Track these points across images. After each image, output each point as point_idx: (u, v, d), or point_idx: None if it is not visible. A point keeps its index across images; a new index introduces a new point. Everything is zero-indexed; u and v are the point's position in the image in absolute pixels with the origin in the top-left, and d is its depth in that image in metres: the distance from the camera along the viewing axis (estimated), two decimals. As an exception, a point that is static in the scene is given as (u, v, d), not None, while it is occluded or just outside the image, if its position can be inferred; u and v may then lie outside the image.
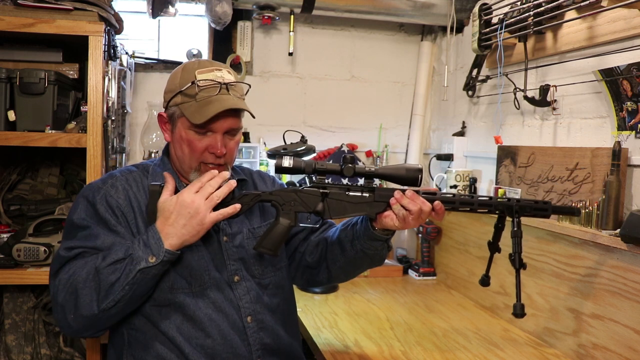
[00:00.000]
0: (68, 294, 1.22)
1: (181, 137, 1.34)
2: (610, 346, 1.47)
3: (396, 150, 2.81)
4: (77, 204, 1.33)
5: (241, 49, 2.61)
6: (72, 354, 1.98)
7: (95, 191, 1.33)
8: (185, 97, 1.33)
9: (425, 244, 2.48)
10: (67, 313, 1.23)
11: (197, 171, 1.36)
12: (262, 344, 1.35)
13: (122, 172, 1.40)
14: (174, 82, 1.37)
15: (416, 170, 1.28)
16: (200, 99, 1.31)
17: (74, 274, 1.23)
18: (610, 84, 1.52)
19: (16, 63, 1.92)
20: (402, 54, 2.80)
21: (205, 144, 1.33)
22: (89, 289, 1.21)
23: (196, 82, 1.32)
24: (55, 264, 1.28)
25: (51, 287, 1.28)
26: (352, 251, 1.38)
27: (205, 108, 1.30)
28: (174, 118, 1.36)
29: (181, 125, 1.34)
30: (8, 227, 1.97)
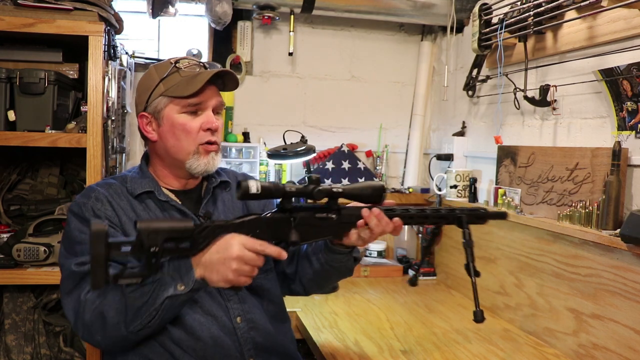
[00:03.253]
0: (94, 316, 1.20)
1: (172, 124, 1.36)
2: (610, 346, 1.47)
3: (396, 150, 2.81)
4: (69, 222, 1.34)
5: (241, 49, 2.61)
6: (72, 354, 1.98)
7: (82, 206, 1.33)
8: (168, 82, 1.35)
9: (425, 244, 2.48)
10: (94, 333, 1.22)
11: (196, 154, 1.37)
12: (254, 343, 1.35)
13: (101, 185, 1.40)
14: (150, 79, 1.39)
15: (380, 189, 1.27)
16: (186, 75, 1.35)
17: (101, 295, 1.21)
18: (610, 84, 1.52)
19: (16, 63, 1.92)
20: (402, 54, 2.80)
21: (199, 122, 1.36)
22: (116, 312, 1.18)
23: (177, 65, 1.36)
24: (69, 281, 1.26)
25: (69, 304, 1.25)
26: (317, 264, 1.40)
27: (194, 79, 1.33)
28: (159, 110, 1.37)
29: (169, 112, 1.36)
30: (8, 227, 1.97)
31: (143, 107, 1.40)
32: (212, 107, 1.38)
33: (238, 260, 1.13)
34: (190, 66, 1.37)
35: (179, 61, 1.38)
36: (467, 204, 2.20)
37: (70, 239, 1.31)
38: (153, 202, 1.40)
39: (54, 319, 2.00)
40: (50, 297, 1.99)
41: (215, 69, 1.37)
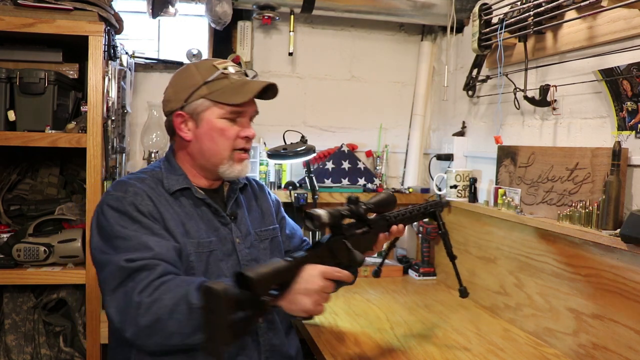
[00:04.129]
0: (153, 321, 1.16)
1: (211, 128, 1.37)
2: (610, 346, 1.47)
3: (396, 150, 2.81)
4: (106, 216, 1.29)
5: (241, 49, 2.61)
6: (72, 354, 1.98)
7: (121, 200, 1.30)
8: (213, 86, 1.36)
9: (425, 244, 2.48)
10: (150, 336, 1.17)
11: (230, 160, 1.39)
12: (271, 345, 1.38)
13: (135, 179, 1.38)
14: (191, 79, 1.38)
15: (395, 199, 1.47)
16: (234, 82, 1.36)
17: (159, 299, 1.17)
18: (610, 84, 1.52)
19: (16, 63, 1.92)
20: (402, 54, 2.80)
21: (237, 129, 1.39)
22: (176, 322, 1.16)
23: (224, 70, 1.37)
24: (115, 277, 1.22)
25: (114, 302, 1.21)
26: None
27: (243, 88, 1.35)
28: (199, 111, 1.37)
29: (210, 116, 1.36)
30: (8, 227, 1.97)
31: (180, 106, 1.39)
32: (249, 115, 1.42)
33: (320, 291, 1.19)
34: (236, 73, 1.40)
35: (227, 67, 1.39)
36: (467, 204, 2.20)
37: (110, 234, 1.27)
38: (186, 199, 1.40)
39: (54, 319, 2.00)
40: (50, 297, 1.99)
41: (265, 81, 1.40)
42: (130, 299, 1.18)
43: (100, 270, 1.27)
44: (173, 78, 1.45)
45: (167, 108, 1.43)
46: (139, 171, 1.45)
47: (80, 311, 2.00)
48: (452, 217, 2.36)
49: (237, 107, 1.37)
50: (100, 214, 1.31)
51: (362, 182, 2.64)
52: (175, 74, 1.45)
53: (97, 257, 1.28)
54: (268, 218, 1.59)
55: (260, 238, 1.49)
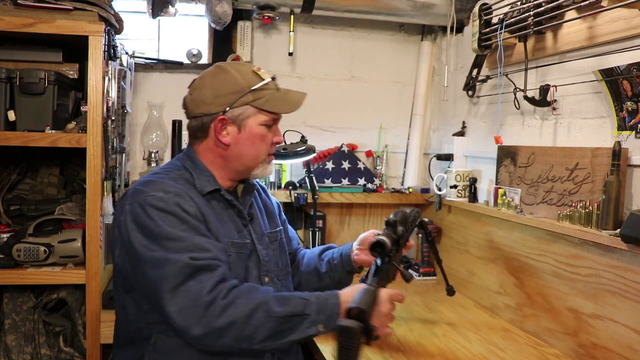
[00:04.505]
0: (229, 324, 1.21)
1: (253, 134, 1.42)
2: (610, 346, 1.47)
3: (396, 150, 2.81)
4: (150, 216, 1.28)
5: (241, 49, 2.61)
6: (72, 354, 1.98)
7: (166, 201, 1.30)
8: (258, 94, 1.40)
9: (426, 244, 2.48)
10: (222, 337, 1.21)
11: (264, 162, 1.47)
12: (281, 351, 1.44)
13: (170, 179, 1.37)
14: (235, 85, 1.40)
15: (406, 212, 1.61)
16: (278, 91, 1.44)
17: (234, 303, 1.21)
18: (610, 84, 1.52)
19: (16, 63, 1.92)
20: (402, 54, 2.80)
21: (272, 135, 1.46)
22: (252, 327, 1.21)
23: (270, 80, 1.44)
24: (178, 275, 1.23)
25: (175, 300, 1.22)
26: (329, 280, 1.61)
27: (288, 99, 1.43)
28: (243, 118, 1.41)
29: (253, 122, 1.41)
30: (8, 227, 1.97)
31: (222, 110, 1.40)
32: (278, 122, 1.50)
33: (388, 314, 1.30)
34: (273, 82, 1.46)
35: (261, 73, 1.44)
36: (467, 204, 2.20)
37: (158, 234, 1.27)
38: (216, 201, 1.43)
39: (54, 319, 2.00)
40: (50, 297, 1.99)
41: (304, 92, 1.50)
42: (198, 299, 1.20)
43: (155, 267, 1.25)
44: (210, 80, 1.44)
45: (201, 110, 1.42)
46: (163, 171, 1.44)
47: (80, 311, 2.00)
48: (452, 217, 2.36)
49: (277, 115, 1.44)
50: (142, 214, 1.29)
51: (362, 182, 2.64)
52: (212, 76, 1.44)
53: (147, 255, 1.26)
54: (274, 220, 1.63)
55: (270, 239, 1.54)
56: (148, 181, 1.37)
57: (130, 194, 1.36)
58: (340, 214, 2.75)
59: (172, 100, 2.54)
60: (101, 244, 1.87)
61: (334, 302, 1.28)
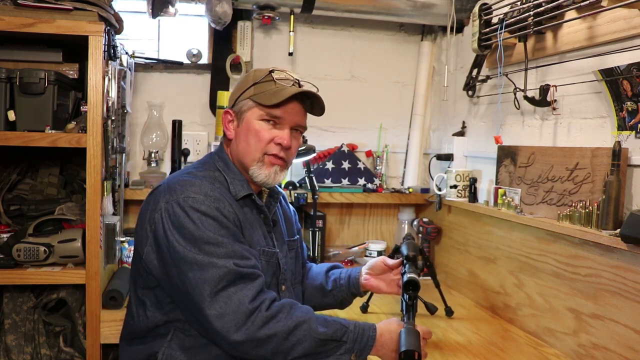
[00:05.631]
0: (270, 336, 1.21)
1: (248, 128, 1.39)
2: (610, 346, 1.47)
3: (396, 150, 2.81)
4: (191, 218, 1.27)
5: (241, 49, 2.61)
6: (72, 354, 1.98)
7: (208, 204, 1.29)
8: (260, 87, 1.39)
9: (426, 244, 2.48)
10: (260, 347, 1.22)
11: (260, 162, 1.39)
12: None
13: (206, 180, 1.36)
14: (246, 80, 1.43)
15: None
16: (278, 86, 1.38)
17: (276, 317, 1.23)
18: (610, 84, 1.52)
19: (16, 63, 1.92)
20: (402, 54, 2.80)
21: (273, 134, 1.39)
22: (290, 344, 1.22)
23: (273, 74, 1.39)
24: (222, 279, 1.22)
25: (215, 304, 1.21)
26: (332, 299, 1.62)
27: (282, 92, 1.36)
28: (242, 111, 1.40)
29: (250, 116, 1.39)
30: (8, 227, 1.97)
31: (231, 105, 1.44)
32: (290, 125, 1.40)
33: (423, 349, 1.32)
34: (284, 79, 1.40)
35: (274, 71, 1.41)
36: (467, 204, 2.20)
37: (199, 238, 1.25)
38: (247, 206, 1.41)
39: (54, 319, 2.00)
40: (50, 297, 1.99)
41: (303, 88, 1.40)
42: (240, 306, 1.21)
43: (196, 270, 1.24)
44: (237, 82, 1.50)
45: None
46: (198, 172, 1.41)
47: (80, 311, 2.00)
48: (452, 217, 2.36)
49: (273, 110, 1.37)
50: (182, 215, 1.27)
51: (362, 182, 2.64)
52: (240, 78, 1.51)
53: (188, 256, 1.25)
54: (292, 228, 1.63)
55: (289, 247, 1.53)
56: (185, 181, 1.34)
57: (166, 192, 1.32)
58: (340, 214, 2.75)
59: (172, 100, 2.55)
60: (101, 244, 1.87)
61: (371, 334, 1.30)
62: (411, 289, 1.43)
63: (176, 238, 1.26)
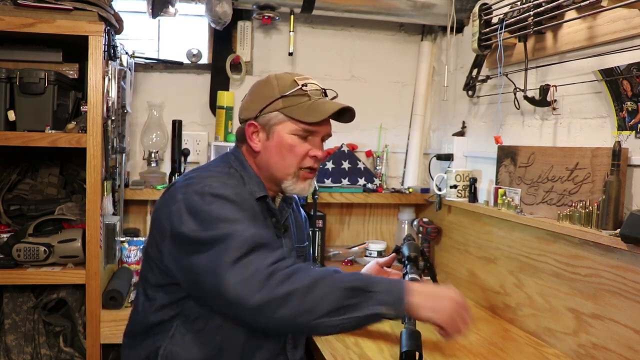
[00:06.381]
0: (290, 293, 1.13)
1: (281, 142, 1.37)
2: (610, 346, 1.47)
3: (396, 150, 2.81)
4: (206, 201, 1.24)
5: (241, 49, 2.61)
6: (72, 354, 1.98)
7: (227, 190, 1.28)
8: (290, 101, 1.36)
9: (426, 244, 2.48)
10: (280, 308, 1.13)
11: (295, 177, 1.40)
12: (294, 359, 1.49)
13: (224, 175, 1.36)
14: (269, 90, 1.39)
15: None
16: (312, 100, 1.37)
17: (295, 275, 1.15)
18: (610, 84, 1.52)
19: (16, 63, 1.92)
20: (402, 54, 2.80)
21: (306, 148, 1.40)
22: (314, 299, 1.13)
23: (304, 88, 1.37)
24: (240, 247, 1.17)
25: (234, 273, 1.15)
26: None
27: (321, 108, 1.35)
28: (272, 124, 1.38)
29: (282, 130, 1.37)
30: (8, 227, 1.97)
31: (254, 115, 1.40)
32: (322, 135, 1.43)
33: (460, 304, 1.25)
34: (315, 91, 1.40)
35: (307, 84, 1.39)
36: (467, 204, 2.20)
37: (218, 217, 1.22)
38: (261, 207, 1.41)
39: (54, 319, 2.00)
40: (50, 297, 1.99)
41: (342, 104, 1.40)
42: (259, 269, 1.15)
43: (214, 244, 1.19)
44: (253, 87, 1.46)
45: (242, 116, 1.45)
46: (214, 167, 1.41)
47: (80, 311, 2.00)
48: (452, 217, 2.36)
49: (310, 126, 1.38)
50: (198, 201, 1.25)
51: (362, 182, 2.64)
52: (255, 83, 1.46)
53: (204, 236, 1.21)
54: (302, 234, 1.63)
55: (298, 253, 1.53)
56: (202, 175, 1.33)
57: (182, 186, 1.31)
58: (340, 214, 2.75)
59: (172, 100, 2.55)
60: (101, 244, 1.87)
61: (401, 286, 1.20)
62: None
63: (190, 227, 1.23)
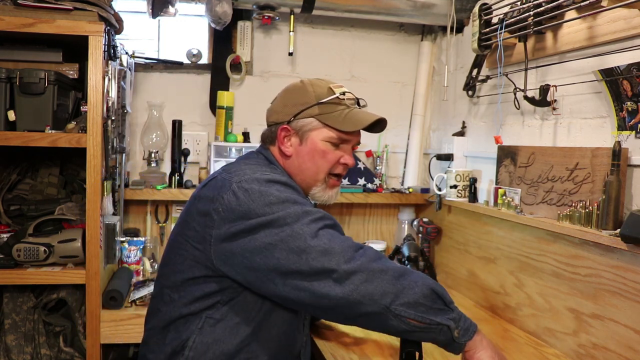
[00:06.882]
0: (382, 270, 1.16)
1: (314, 148, 1.39)
2: (610, 346, 1.47)
3: (396, 150, 2.81)
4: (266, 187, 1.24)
5: (241, 49, 2.61)
6: (72, 354, 1.98)
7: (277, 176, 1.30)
8: (326, 107, 1.38)
9: (426, 243, 2.48)
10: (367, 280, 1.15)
11: (323, 184, 1.42)
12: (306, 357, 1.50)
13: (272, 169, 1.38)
14: (304, 95, 1.40)
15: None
16: (349, 109, 1.39)
17: (383, 258, 1.22)
18: (610, 84, 1.52)
19: (16, 63, 1.92)
20: (402, 54, 2.80)
21: (338, 155, 1.41)
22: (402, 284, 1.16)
23: (339, 94, 1.39)
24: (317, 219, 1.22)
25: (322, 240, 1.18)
26: None
27: (357, 117, 1.38)
28: (306, 130, 1.39)
29: (316, 136, 1.39)
30: (8, 227, 1.97)
31: (287, 120, 1.41)
32: (353, 144, 1.44)
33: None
34: (350, 100, 1.42)
35: (344, 93, 1.41)
36: (467, 204, 2.20)
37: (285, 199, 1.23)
38: None
39: (54, 319, 2.00)
40: (50, 297, 1.99)
41: (377, 115, 1.42)
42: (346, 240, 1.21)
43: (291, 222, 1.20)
44: (285, 91, 1.46)
45: (272, 118, 1.45)
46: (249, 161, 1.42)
47: (80, 311, 2.00)
48: (452, 217, 2.36)
49: (345, 134, 1.40)
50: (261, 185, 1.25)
51: (362, 182, 2.64)
52: (289, 87, 1.46)
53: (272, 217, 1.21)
54: None
55: None
56: (246, 167, 1.34)
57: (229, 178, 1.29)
58: (340, 214, 2.75)
59: (172, 100, 2.55)
60: (101, 244, 1.87)
61: (473, 323, 1.28)
62: None
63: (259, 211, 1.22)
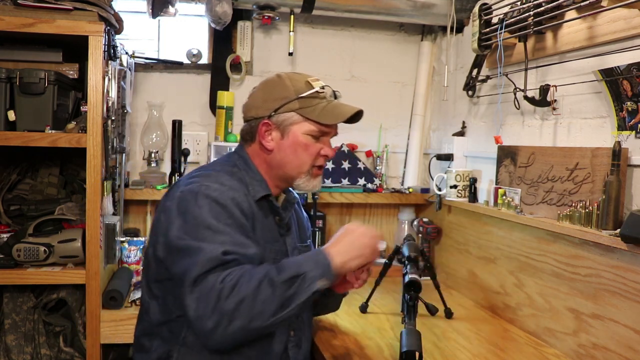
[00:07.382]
0: (238, 303, 1.15)
1: (296, 142, 1.40)
2: (610, 346, 1.47)
3: (396, 150, 2.81)
4: (199, 204, 1.26)
5: (241, 49, 2.61)
6: (72, 354, 1.98)
7: (222, 193, 1.29)
8: (306, 102, 1.40)
9: (426, 244, 2.48)
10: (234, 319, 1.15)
11: (308, 175, 1.44)
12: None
13: (226, 173, 1.38)
14: (284, 90, 1.42)
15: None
16: (328, 102, 1.42)
17: (238, 283, 1.17)
18: (610, 84, 1.52)
19: (16, 63, 1.92)
20: (402, 54, 2.80)
21: (319, 147, 1.44)
22: (261, 302, 1.16)
23: (319, 89, 1.42)
24: (205, 265, 1.19)
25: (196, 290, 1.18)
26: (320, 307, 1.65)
27: (337, 110, 1.41)
28: (287, 124, 1.40)
29: (297, 130, 1.40)
30: (8, 227, 1.97)
31: (267, 114, 1.42)
32: (331, 136, 1.47)
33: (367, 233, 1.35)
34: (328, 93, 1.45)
35: (314, 82, 1.44)
36: (467, 204, 2.20)
37: (200, 223, 1.24)
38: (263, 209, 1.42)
39: (54, 319, 2.00)
40: (50, 297, 1.99)
41: (356, 107, 1.46)
42: (212, 289, 1.17)
43: (186, 256, 1.22)
44: (263, 86, 1.48)
45: (251, 114, 1.46)
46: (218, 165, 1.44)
47: (80, 311, 2.00)
48: (452, 217, 2.36)
49: (325, 127, 1.42)
50: (191, 201, 1.27)
51: (362, 182, 2.64)
52: (266, 82, 1.48)
53: (178, 244, 1.24)
54: (304, 234, 1.64)
55: (299, 253, 1.52)
56: (203, 174, 1.36)
57: (183, 184, 1.35)
58: (340, 214, 2.75)
59: (172, 100, 2.55)
60: (101, 244, 1.87)
61: (323, 254, 1.25)
62: (412, 290, 1.45)
63: (175, 226, 1.26)
